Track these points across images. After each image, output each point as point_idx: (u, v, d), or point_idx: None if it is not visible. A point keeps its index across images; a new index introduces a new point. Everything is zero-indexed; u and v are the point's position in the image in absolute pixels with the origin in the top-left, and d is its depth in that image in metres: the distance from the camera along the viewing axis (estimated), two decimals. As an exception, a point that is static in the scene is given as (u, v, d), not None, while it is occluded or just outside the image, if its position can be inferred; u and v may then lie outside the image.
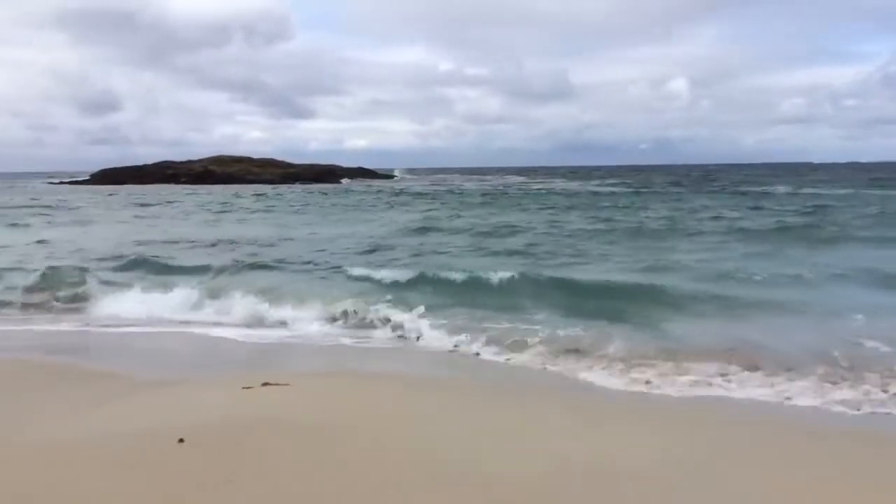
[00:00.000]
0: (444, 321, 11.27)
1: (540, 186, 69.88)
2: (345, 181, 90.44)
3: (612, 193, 54.60)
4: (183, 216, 36.98)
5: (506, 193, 55.86)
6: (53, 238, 24.98)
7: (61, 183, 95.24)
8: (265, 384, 7.56)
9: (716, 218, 29.91)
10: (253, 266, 17.54)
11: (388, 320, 11.58)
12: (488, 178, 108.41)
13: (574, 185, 71.62)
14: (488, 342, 10.20)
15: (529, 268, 16.04)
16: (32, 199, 54.93)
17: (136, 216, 36.87)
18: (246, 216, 36.70)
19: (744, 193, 49.66)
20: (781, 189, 54.43)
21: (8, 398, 7.23)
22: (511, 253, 19.95)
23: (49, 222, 33.04)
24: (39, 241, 23.87)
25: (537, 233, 25.33)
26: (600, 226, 27.44)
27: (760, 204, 38.26)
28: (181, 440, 5.74)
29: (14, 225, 31.37)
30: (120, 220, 34.08)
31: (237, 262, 18.18)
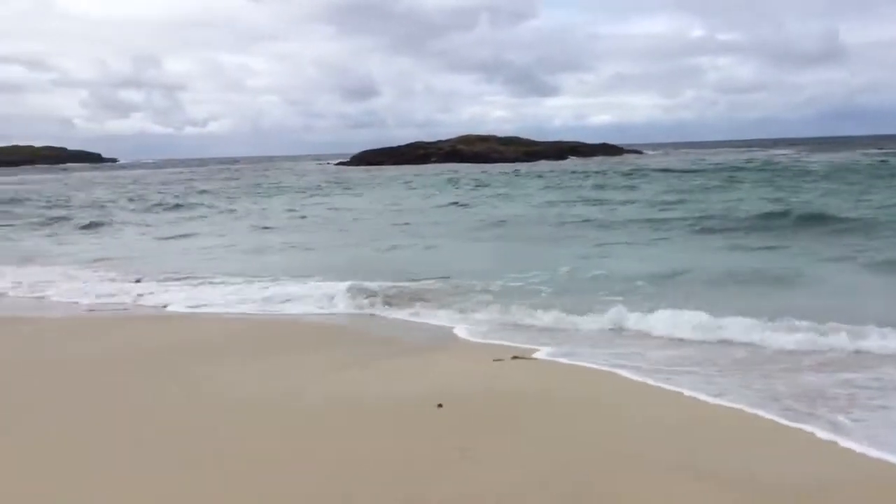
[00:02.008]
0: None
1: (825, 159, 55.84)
2: (567, 159, 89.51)
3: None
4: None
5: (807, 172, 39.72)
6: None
7: (328, 164, 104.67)
8: (515, 357, 7.90)
9: None
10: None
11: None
12: (752, 151, 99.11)
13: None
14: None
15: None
16: (325, 177, 60.98)
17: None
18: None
19: None
20: None
21: (296, 356, 8.23)
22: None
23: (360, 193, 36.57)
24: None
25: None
26: None
27: None
28: (440, 405, 6.22)
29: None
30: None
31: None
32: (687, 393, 6.57)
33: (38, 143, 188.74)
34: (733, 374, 7.16)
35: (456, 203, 30.92)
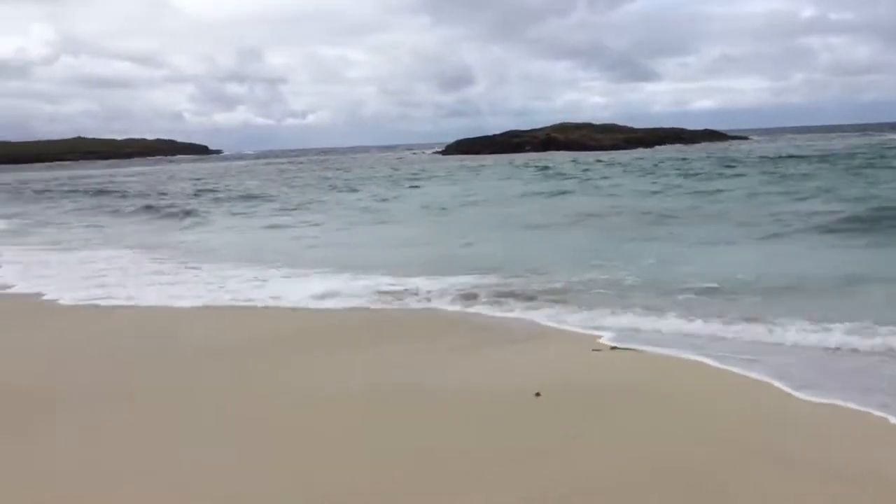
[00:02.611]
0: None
1: None
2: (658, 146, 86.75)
3: None
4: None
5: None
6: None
7: (423, 153, 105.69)
8: (614, 348, 7.73)
9: None
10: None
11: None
12: (868, 135, 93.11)
13: None
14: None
15: None
16: (420, 166, 61.69)
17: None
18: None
19: None
20: None
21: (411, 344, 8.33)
22: None
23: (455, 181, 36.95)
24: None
25: None
26: None
27: None
28: (538, 394, 6.16)
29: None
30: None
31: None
32: (800, 392, 6.27)
33: (150, 137, 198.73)
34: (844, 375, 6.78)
35: (548, 193, 30.50)
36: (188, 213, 27.57)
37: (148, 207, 30.59)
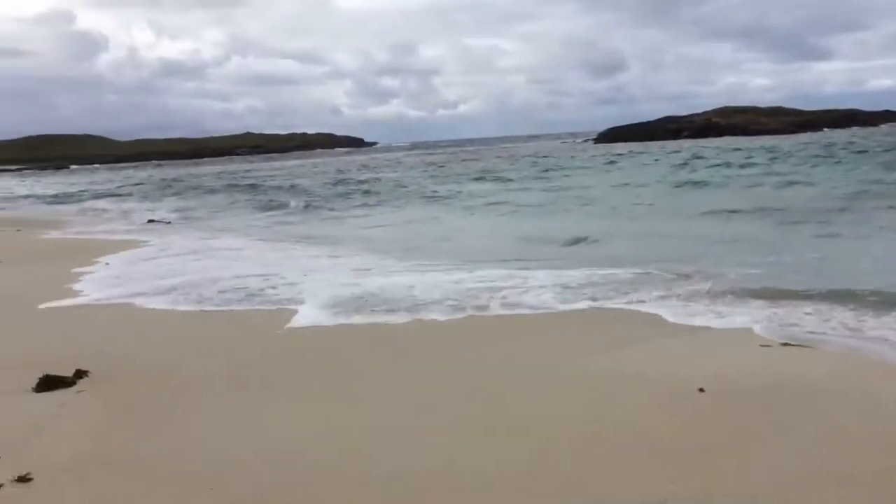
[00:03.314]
0: None
1: None
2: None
3: None
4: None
5: None
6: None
7: (574, 142, 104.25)
8: (785, 344, 7.21)
9: None
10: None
11: None
12: None
13: None
14: None
15: None
16: (569, 154, 61.15)
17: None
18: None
19: None
20: None
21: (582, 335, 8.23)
22: None
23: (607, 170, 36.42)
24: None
25: None
26: None
27: None
28: (701, 389, 5.84)
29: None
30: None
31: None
32: None
33: (311, 131, 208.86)
34: None
35: (703, 182, 28.91)
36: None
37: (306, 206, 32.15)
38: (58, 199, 43.85)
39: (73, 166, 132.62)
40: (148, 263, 14.63)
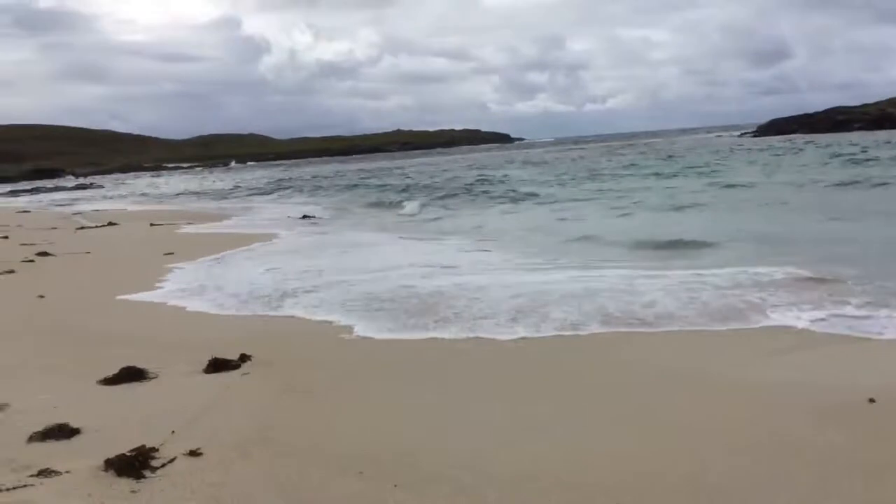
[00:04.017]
0: None
1: None
2: None
3: None
4: None
5: None
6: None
7: (730, 136, 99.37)
8: (972, 355, 6.55)
9: None
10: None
11: None
12: None
13: None
14: None
15: None
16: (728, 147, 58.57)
17: None
18: None
19: None
20: None
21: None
22: None
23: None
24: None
25: None
26: None
27: None
28: (871, 400, 5.43)
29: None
30: None
31: None
32: None
33: (458, 127, 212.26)
34: None
35: (875, 180, 26.52)
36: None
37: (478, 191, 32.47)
38: (215, 194, 47.42)
39: (233, 164, 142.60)
40: (297, 258, 15.35)
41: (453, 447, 5.01)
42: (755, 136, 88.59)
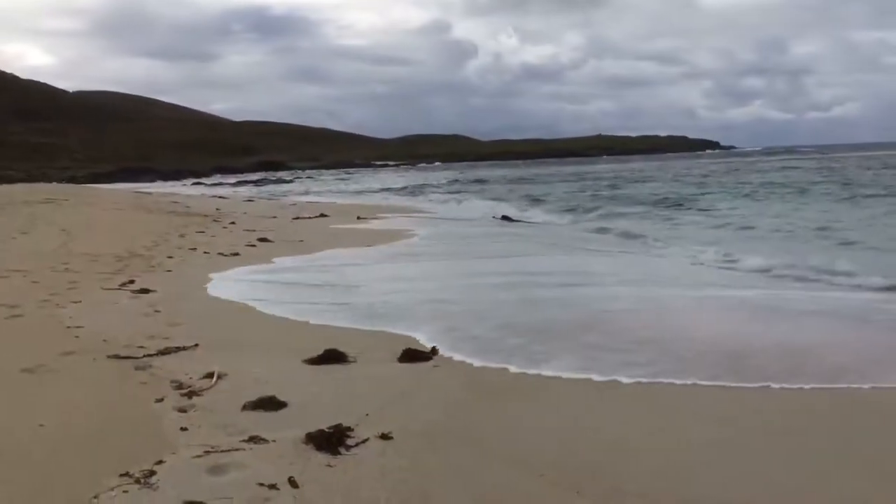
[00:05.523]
0: None
1: None
2: None
3: None
4: None
5: None
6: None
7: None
8: None
9: None
10: None
11: None
12: None
13: None
14: None
15: None
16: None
17: None
18: None
19: None
20: None
21: None
22: None
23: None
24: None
25: None
26: None
27: None
28: None
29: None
30: None
31: None
32: None
33: (662, 133, 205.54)
34: None
35: None
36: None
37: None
38: (422, 190, 49.90)
39: (437, 163, 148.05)
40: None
41: (645, 463, 4.84)
42: None
